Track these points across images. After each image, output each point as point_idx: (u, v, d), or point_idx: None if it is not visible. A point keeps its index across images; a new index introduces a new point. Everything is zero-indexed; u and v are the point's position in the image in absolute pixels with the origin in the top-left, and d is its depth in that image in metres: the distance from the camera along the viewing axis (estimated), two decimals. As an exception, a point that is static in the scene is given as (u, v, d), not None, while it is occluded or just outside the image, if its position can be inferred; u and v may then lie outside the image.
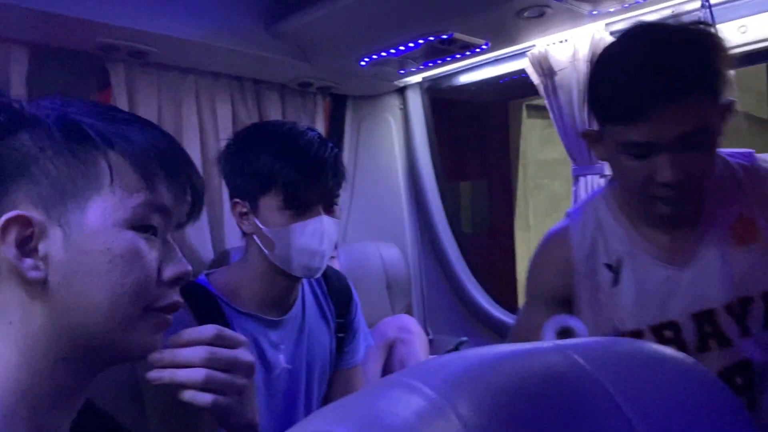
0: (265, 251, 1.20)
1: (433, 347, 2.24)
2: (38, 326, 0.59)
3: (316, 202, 1.19)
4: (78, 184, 0.60)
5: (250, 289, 1.25)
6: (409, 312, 2.43)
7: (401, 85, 2.43)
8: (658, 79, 0.88)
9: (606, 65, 0.98)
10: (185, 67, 2.04)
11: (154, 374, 0.71)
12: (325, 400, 1.42)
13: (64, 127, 0.61)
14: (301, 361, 1.31)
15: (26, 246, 0.58)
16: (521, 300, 1.32)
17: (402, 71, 2.20)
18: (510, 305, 2.27)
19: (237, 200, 1.22)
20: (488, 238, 4.31)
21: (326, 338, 1.37)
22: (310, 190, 1.17)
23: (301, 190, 1.17)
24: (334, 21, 1.76)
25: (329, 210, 1.22)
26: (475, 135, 4.12)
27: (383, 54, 1.95)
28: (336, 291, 1.40)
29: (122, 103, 1.89)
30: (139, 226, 0.62)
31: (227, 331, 0.76)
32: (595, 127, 1.04)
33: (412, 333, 1.74)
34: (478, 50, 1.94)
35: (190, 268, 0.67)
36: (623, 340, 0.47)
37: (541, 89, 1.97)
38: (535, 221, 4.66)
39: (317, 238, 1.19)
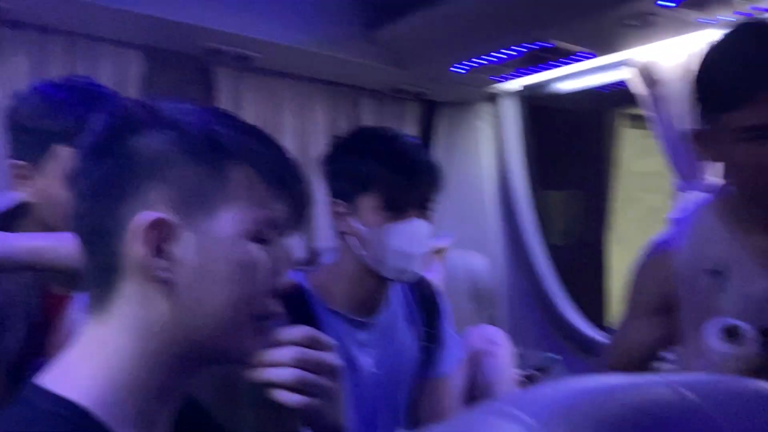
0: (360, 252, 1.23)
1: (520, 361, 2.20)
2: (157, 323, 0.62)
3: (413, 205, 1.21)
4: (210, 191, 0.62)
5: (341, 288, 1.27)
6: (494, 324, 2.39)
7: (495, 92, 2.40)
8: None
9: (719, 51, 0.97)
10: (286, 72, 2.10)
11: (247, 372, 0.73)
12: (411, 408, 1.41)
13: (205, 135, 0.62)
14: (386, 365, 1.31)
15: (157, 246, 0.60)
16: (611, 316, 1.28)
17: (497, 78, 2.17)
18: (599, 322, 2.19)
19: (335, 200, 1.25)
20: (580, 251, 4.18)
21: (413, 346, 1.37)
22: (408, 193, 1.20)
23: (399, 192, 1.19)
24: (431, 28, 1.76)
25: (424, 214, 1.24)
26: (570, 144, 4.00)
27: (479, 61, 1.93)
28: (425, 299, 1.39)
29: (226, 106, 1.97)
30: (263, 239, 0.64)
31: (317, 333, 0.77)
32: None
33: (499, 345, 1.70)
34: (579, 59, 1.89)
35: (293, 280, 0.70)
36: (729, 377, 0.44)
37: (643, 100, 1.90)
38: (629, 235, 4.48)
39: (413, 240, 1.20)
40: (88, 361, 0.61)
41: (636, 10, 1.58)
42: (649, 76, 1.85)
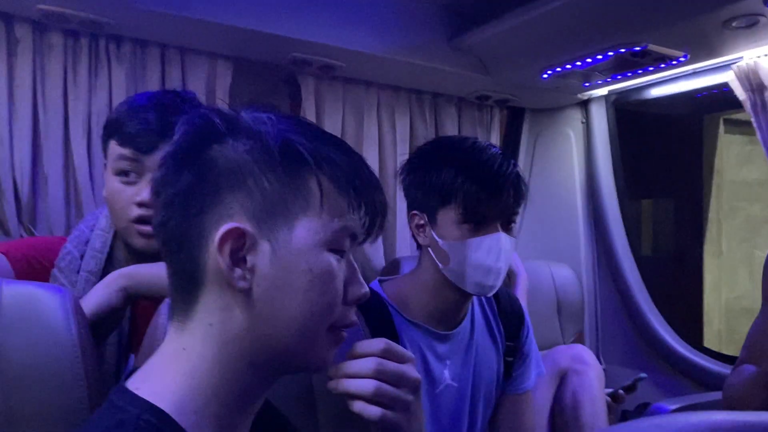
0: (439, 264, 1.21)
1: (606, 378, 2.11)
2: (235, 331, 0.62)
3: (495, 218, 1.19)
4: (289, 202, 0.62)
5: (421, 300, 1.26)
6: (581, 338, 2.30)
7: (584, 98, 2.32)
8: None
9: None
10: (368, 80, 2.11)
11: (331, 383, 0.74)
12: (491, 424, 1.38)
13: (282, 145, 0.62)
14: (466, 379, 1.29)
15: (236, 256, 0.61)
16: (707, 334, 1.21)
17: (587, 84, 2.10)
18: (694, 339, 2.07)
19: (415, 212, 1.24)
20: (673, 263, 3.98)
21: (494, 360, 1.34)
22: (489, 206, 1.17)
23: (480, 204, 1.16)
24: (518, 34, 1.72)
25: (506, 227, 1.21)
26: (664, 150, 3.82)
27: (568, 67, 1.87)
28: (507, 312, 1.36)
29: (311, 114, 2.00)
30: (337, 249, 0.65)
31: (396, 346, 0.77)
32: None
33: (587, 364, 1.64)
34: (674, 63, 1.80)
35: (368, 290, 0.69)
36: None
37: (747, 105, 1.78)
38: (728, 247, 4.22)
39: (493, 254, 1.17)
40: (171, 367, 0.63)
41: (742, 12, 1.48)
42: (753, 81, 1.73)
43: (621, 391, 1.76)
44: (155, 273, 0.99)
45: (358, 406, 0.74)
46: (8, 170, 1.60)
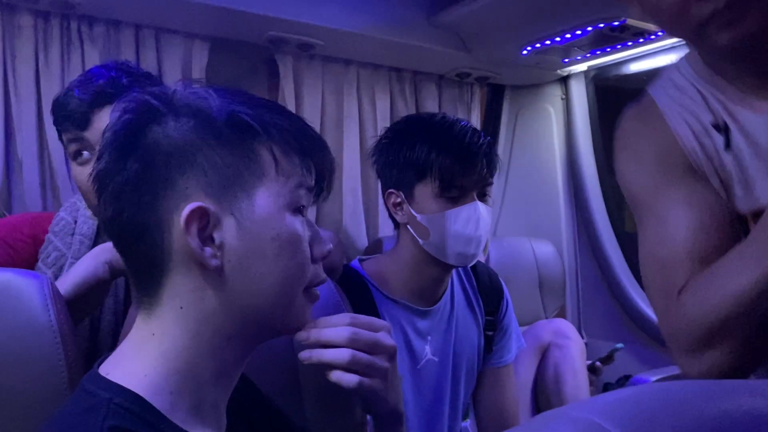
0: (419, 240, 1.23)
1: (588, 351, 2.14)
2: (210, 310, 0.62)
3: (471, 188, 1.21)
4: (244, 173, 0.62)
5: (401, 277, 1.28)
6: (562, 313, 2.33)
7: (564, 74, 2.32)
8: None
9: None
10: (348, 58, 2.09)
11: (304, 354, 0.74)
12: (474, 397, 1.40)
13: (228, 117, 0.62)
14: (447, 354, 1.31)
15: (202, 235, 0.60)
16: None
17: (566, 60, 2.10)
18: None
19: (391, 190, 1.26)
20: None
21: (474, 334, 1.36)
22: (464, 176, 1.20)
23: (455, 176, 1.19)
24: (498, 10, 1.71)
25: (482, 197, 1.24)
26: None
27: (547, 42, 1.86)
28: (486, 287, 1.39)
29: (289, 93, 1.98)
30: (299, 207, 0.65)
31: (363, 317, 0.78)
32: None
33: (569, 338, 1.66)
34: (652, 37, 1.80)
35: (332, 245, 0.70)
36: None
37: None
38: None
39: (472, 223, 1.20)
40: (142, 351, 0.62)
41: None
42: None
43: (598, 363, 1.79)
44: None
45: (336, 375, 0.74)
46: (-20, 155, 1.57)
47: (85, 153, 1.09)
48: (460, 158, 1.19)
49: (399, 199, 1.25)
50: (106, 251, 0.97)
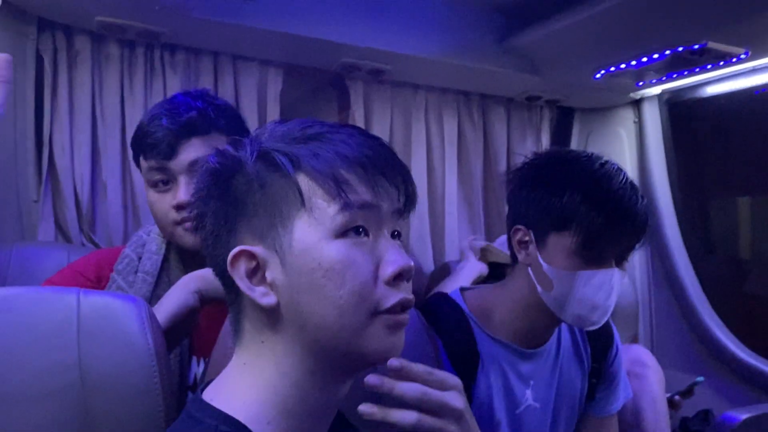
0: (539, 287, 1.12)
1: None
2: (284, 345, 0.64)
3: (613, 253, 1.09)
4: (282, 209, 0.63)
5: (507, 316, 1.18)
6: (635, 342, 2.25)
7: (636, 97, 2.26)
8: None
9: None
10: (416, 83, 2.11)
11: (366, 408, 0.70)
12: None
13: (260, 159, 0.64)
14: (549, 401, 1.22)
15: (255, 276, 0.63)
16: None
17: (640, 83, 2.05)
18: (758, 344, 1.99)
19: (520, 227, 1.14)
20: (733, 266, 3.84)
21: (578, 380, 1.27)
22: (611, 241, 1.07)
23: (601, 238, 1.06)
24: (571, 35, 1.69)
25: (620, 263, 1.11)
26: (723, 150, 3.70)
27: (622, 66, 1.83)
28: (595, 332, 1.25)
29: (359, 118, 2.01)
30: (349, 230, 0.63)
31: (438, 372, 0.74)
32: None
33: (648, 366, 1.57)
34: (734, 60, 1.74)
35: (410, 262, 0.65)
36: None
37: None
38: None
39: (604, 291, 1.08)
40: (238, 380, 0.65)
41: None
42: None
43: (677, 397, 1.70)
44: None
45: None
46: (69, 178, 1.65)
47: (165, 183, 1.12)
48: (613, 220, 1.05)
49: (527, 239, 1.13)
50: (194, 280, 0.98)
